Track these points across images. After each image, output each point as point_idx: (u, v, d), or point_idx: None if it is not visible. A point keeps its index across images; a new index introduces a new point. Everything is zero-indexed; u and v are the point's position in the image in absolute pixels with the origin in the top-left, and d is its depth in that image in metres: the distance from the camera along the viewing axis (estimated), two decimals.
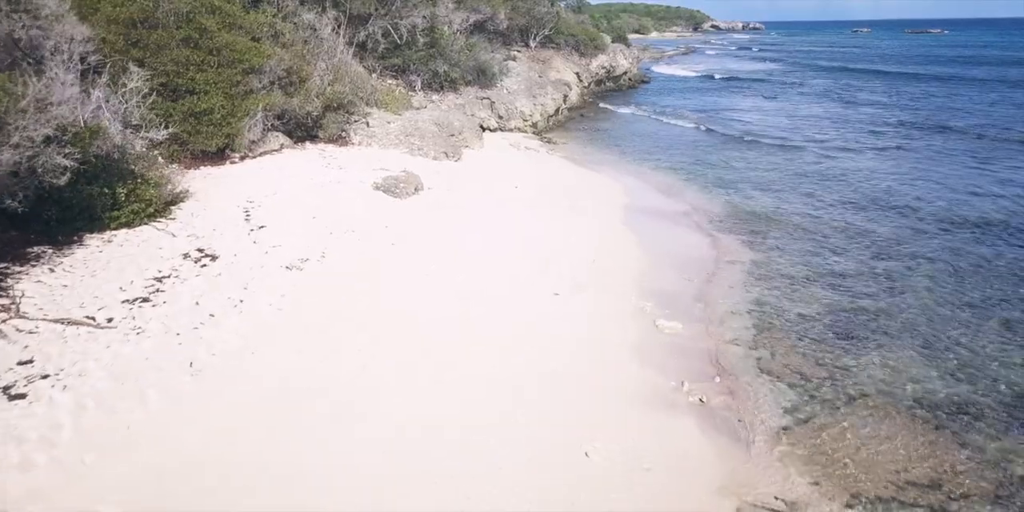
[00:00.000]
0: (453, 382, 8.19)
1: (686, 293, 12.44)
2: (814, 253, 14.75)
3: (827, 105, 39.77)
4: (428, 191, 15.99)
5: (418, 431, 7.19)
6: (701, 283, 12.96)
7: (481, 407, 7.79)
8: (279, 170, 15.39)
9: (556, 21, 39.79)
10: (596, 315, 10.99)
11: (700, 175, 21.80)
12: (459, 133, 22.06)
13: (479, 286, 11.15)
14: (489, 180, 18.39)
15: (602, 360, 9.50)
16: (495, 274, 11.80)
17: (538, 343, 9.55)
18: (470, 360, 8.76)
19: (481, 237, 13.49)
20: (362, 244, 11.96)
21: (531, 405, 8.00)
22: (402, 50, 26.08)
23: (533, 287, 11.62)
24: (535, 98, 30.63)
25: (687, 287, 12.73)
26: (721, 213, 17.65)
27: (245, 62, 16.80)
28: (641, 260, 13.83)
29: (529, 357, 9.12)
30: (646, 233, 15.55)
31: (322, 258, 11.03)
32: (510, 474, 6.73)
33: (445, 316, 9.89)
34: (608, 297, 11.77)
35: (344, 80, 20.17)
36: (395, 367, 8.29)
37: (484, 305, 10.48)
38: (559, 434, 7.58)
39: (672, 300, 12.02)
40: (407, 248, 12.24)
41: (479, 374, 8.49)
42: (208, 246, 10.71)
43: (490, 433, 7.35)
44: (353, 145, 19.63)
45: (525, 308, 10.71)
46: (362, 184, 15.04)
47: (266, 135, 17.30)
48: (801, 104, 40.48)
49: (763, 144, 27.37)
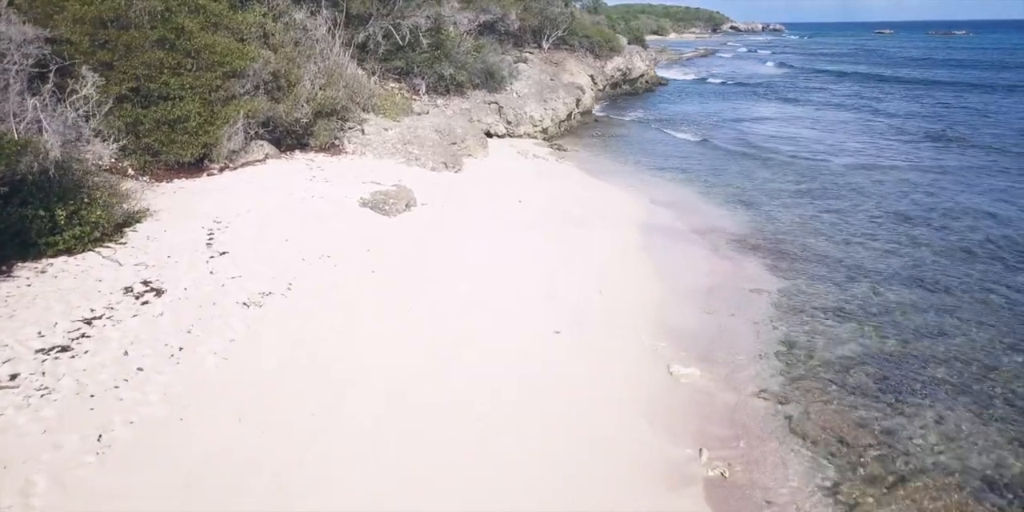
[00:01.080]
0: (422, 468, 6.73)
1: (705, 330, 10.95)
2: (848, 281, 13.20)
3: (853, 113, 37.92)
4: (421, 207, 14.59)
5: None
6: (722, 317, 11.46)
7: (456, 494, 6.36)
8: (258, 184, 14.05)
9: (570, 22, 38.29)
10: (602, 360, 9.52)
11: (719, 189, 20.25)
12: (461, 141, 20.67)
13: (468, 328, 9.72)
14: (491, 193, 16.96)
15: (605, 421, 8.02)
16: (488, 309, 10.37)
17: (530, 408, 8.07)
18: (446, 436, 7.27)
19: (475, 263, 12.07)
20: (337, 272, 10.58)
21: (516, 492, 6.55)
22: (405, 52, 24.74)
23: (531, 324, 10.18)
24: (546, 102, 29.17)
25: (706, 322, 11.23)
26: (742, 232, 16.11)
27: (226, 65, 15.49)
28: (655, 288, 12.35)
29: (520, 427, 7.64)
30: (661, 256, 14.06)
31: (288, 291, 9.65)
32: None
33: (422, 369, 8.47)
34: (617, 335, 10.31)
35: (338, 84, 18.84)
36: (350, 440, 6.86)
37: (470, 354, 9.05)
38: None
39: (689, 339, 10.54)
40: (389, 277, 10.84)
41: (457, 453, 7.02)
42: (157, 277, 9.36)
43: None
44: (346, 154, 18.29)
45: (519, 355, 9.26)
46: (347, 200, 13.66)
47: (249, 144, 15.98)
48: (826, 112, 38.67)
49: (786, 155, 25.71)
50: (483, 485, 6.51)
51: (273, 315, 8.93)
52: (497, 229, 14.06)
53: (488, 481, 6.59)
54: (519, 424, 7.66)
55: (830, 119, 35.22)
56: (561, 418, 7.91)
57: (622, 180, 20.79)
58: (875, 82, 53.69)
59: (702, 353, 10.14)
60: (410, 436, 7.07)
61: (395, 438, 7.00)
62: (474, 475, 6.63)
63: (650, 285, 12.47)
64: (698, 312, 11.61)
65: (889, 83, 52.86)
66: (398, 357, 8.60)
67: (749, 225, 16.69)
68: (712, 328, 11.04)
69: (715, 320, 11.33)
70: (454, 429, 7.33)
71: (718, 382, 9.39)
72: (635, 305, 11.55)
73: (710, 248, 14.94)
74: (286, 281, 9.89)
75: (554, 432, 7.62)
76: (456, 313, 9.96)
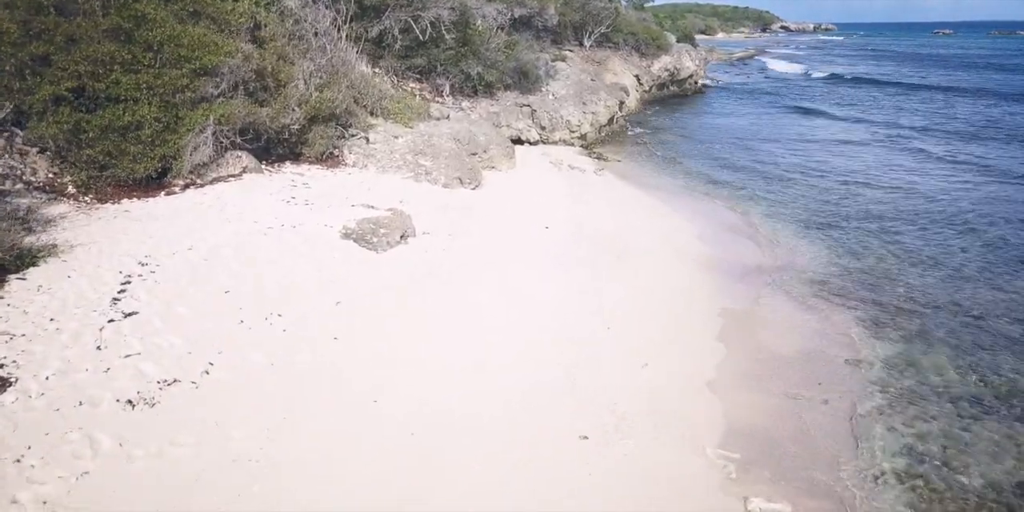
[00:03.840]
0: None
1: (791, 429, 7.83)
2: (977, 346, 9.94)
3: (930, 124, 33.97)
4: (422, 237, 11.68)
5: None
6: (811, 406, 8.32)
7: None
8: (219, 208, 11.32)
9: (615, 18, 35.05)
10: (647, 486, 6.51)
11: (786, 210, 16.93)
12: (484, 151, 17.75)
13: (455, 431, 6.78)
14: (512, 217, 13.99)
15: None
16: (487, 401, 7.40)
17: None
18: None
19: (478, 325, 9.11)
20: (283, 342, 7.72)
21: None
22: (427, 48, 21.91)
23: (548, 425, 7.20)
24: (585, 105, 26.06)
25: (790, 415, 8.11)
26: (824, 270, 12.86)
27: (195, 61, 12.82)
28: (716, 358, 9.26)
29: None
30: (723, 305, 10.93)
31: (203, 376, 6.82)
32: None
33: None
34: (668, 443, 7.26)
35: (340, 84, 16.08)
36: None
37: (457, 475, 6.10)
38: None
39: (770, 445, 7.45)
40: (353, 348, 7.95)
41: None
42: (16, 358, 6.62)
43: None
44: (345, 166, 15.52)
45: (528, 474, 6.30)
46: (328, 229, 10.84)
47: (223, 156, 13.29)
48: (901, 122, 34.78)
49: (862, 173, 22.17)
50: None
51: (165, 422, 6.10)
52: (513, 270, 11.06)
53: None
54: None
55: (906, 133, 31.31)
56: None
57: (672, 197, 17.64)
58: (956, 91, 46.68)
59: (790, 471, 7.05)
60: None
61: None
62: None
63: (710, 353, 9.37)
64: (777, 398, 8.48)
65: (975, 93, 44.95)
66: (345, 497, 5.70)
67: (831, 260, 13.42)
68: (799, 425, 7.92)
69: (801, 412, 8.19)
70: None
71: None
72: (691, 386, 8.48)
73: (785, 293, 11.76)
74: (205, 359, 7.06)
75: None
76: (441, 425, 6.98)
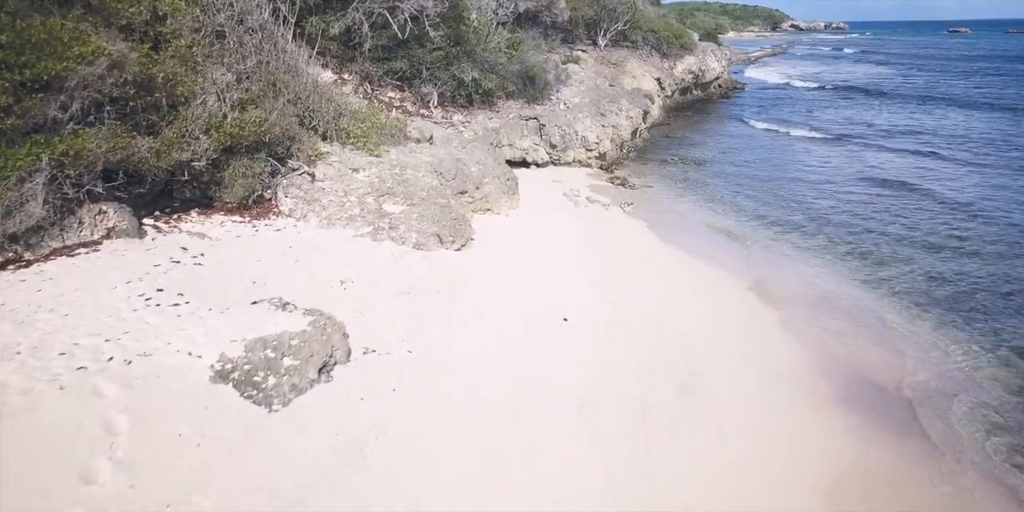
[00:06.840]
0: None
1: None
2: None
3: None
4: (355, 364, 7.03)
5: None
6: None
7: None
8: (24, 318, 6.69)
9: (632, 13, 30.37)
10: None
11: (892, 269, 12.31)
12: (476, 187, 13.13)
13: None
14: (511, 300, 9.33)
15: None
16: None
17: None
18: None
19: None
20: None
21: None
22: (409, 49, 17.34)
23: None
24: (604, 117, 21.41)
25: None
26: (970, 378, 8.29)
27: (25, 69, 8.27)
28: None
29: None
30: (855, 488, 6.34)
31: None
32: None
33: None
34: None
35: (277, 99, 11.51)
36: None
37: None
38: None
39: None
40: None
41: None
42: None
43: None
44: (279, 216, 10.96)
45: None
46: (191, 364, 6.24)
47: (74, 213, 8.73)
48: (981, 131, 30.06)
49: (981, 203, 17.54)
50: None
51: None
52: (514, 437, 6.43)
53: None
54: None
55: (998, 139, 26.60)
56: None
57: (728, 252, 13.02)
58: (998, 96, 43.40)
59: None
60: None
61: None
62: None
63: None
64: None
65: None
66: None
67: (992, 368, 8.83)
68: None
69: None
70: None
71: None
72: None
73: (935, 455, 7.16)
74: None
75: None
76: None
